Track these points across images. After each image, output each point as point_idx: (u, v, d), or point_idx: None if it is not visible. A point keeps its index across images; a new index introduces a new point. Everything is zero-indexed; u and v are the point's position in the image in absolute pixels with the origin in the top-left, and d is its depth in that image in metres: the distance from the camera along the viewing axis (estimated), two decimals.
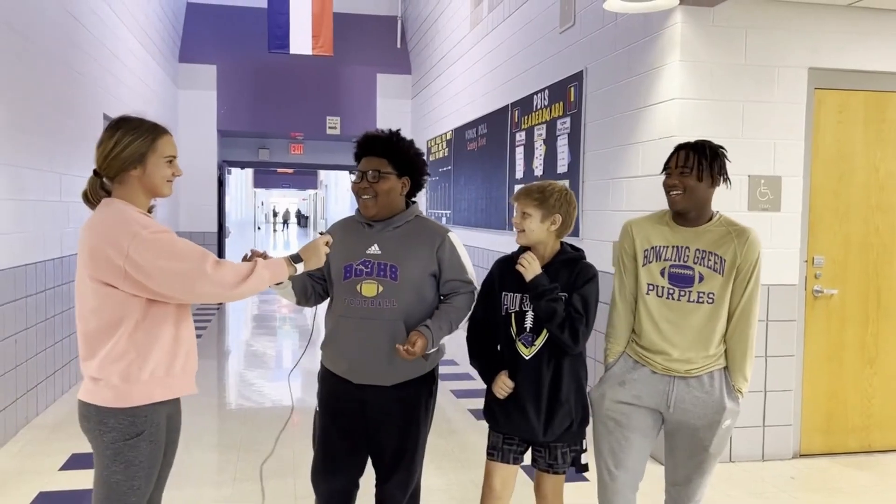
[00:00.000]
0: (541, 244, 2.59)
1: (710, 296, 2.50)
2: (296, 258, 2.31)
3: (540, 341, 2.54)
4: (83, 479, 3.87)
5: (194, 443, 4.51)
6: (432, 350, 2.55)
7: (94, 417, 2.11)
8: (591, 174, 5.22)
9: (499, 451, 2.63)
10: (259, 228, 43.96)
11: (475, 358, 2.71)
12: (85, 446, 4.32)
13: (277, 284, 2.37)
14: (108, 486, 2.11)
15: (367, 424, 2.66)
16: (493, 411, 2.64)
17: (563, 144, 5.68)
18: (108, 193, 2.17)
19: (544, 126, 6.05)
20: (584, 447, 2.64)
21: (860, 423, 4.48)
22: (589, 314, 2.56)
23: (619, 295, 2.70)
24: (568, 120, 5.58)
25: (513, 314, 2.58)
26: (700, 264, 2.52)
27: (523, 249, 2.62)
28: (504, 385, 2.57)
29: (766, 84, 4.22)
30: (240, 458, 4.31)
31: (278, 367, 7.27)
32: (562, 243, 2.64)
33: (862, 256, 4.43)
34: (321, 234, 2.54)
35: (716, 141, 4.11)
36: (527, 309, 2.56)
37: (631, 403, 2.58)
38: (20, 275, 4.70)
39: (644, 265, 2.61)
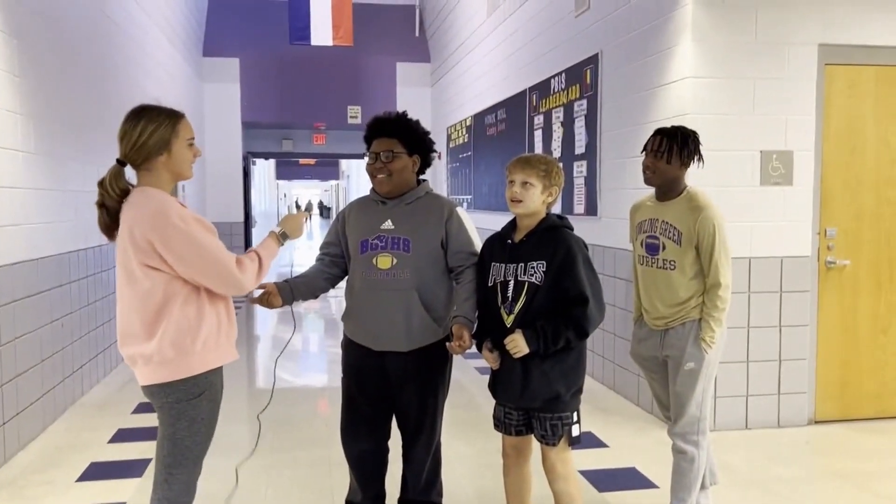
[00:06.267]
0: (533, 215, 2.61)
1: (672, 263, 2.96)
2: (283, 236, 2.55)
3: (518, 307, 2.56)
4: (131, 451, 4.11)
5: (227, 417, 4.75)
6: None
7: (159, 391, 2.29)
8: (608, 154, 5.36)
9: (501, 422, 2.75)
10: None
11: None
12: (130, 422, 4.60)
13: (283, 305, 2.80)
14: (173, 442, 2.31)
15: (388, 388, 2.87)
16: (491, 380, 2.74)
17: (580, 126, 5.81)
18: (127, 181, 2.32)
19: (562, 109, 6.18)
20: (574, 418, 2.62)
21: (874, 391, 4.59)
22: (585, 290, 2.50)
23: (633, 266, 3.22)
24: (585, 102, 5.71)
25: (498, 284, 2.61)
26: (664, 235, 2.99)
27: (512, 223, 2.68)
28: (489, 358, 2.63)
29: (776, 61, 4.32)
30: (271, 431, 4.54)
31: (304, 351, 7.51)
32: (547, 213, 2.66)
33: (874, 228, 4.53)
34: (302, 209, 2.74)
35: (728, 117, 4.31)
36: (510, 278, 2.58)
37: (645, 356, 3.16)
38: (64, 262, 4.95)
39: (636, 239, 3.13)
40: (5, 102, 4.10)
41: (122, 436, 4.40)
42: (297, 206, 51.71)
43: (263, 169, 25.76)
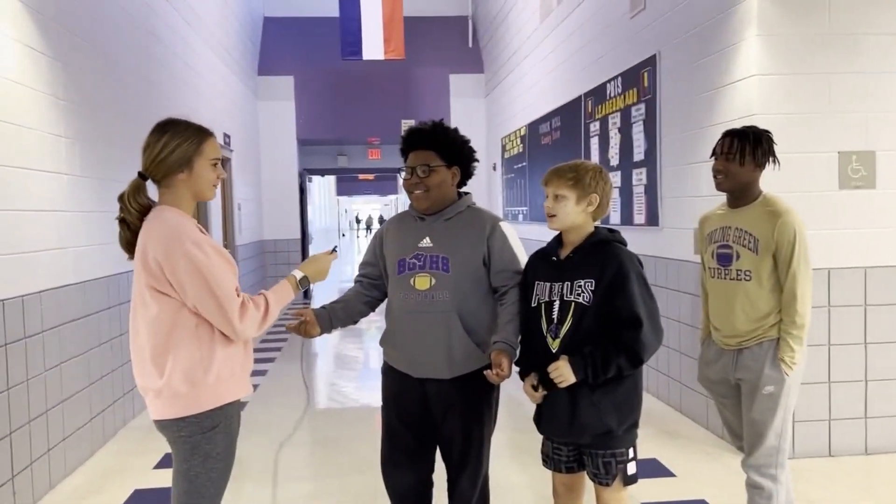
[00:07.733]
0: (576, 229, 2.38)
1: (748, 273, 2.70)
2: (303, 281, 2.32)
3: (564, 330, 2.32)
4: None
5: (279, 440, 4.62)
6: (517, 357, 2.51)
7: (171, 426, 2.16)
8: (669, 160, 5.05)
9: (549, 459, 2.51)
10: (343, 235, 44.98)
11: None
12: None
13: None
14: (188, 479, 2.16)
15: (431, 417, 2.66)
16: (537, 412, 2.50)
17: (638, 132, 5.51)
18: (148, 198, 2.20)
19: (618, 114, 5.89)
20: (630, 455, 2.38)
21: None
22: (639, 311, 2.24)
23: (701, 282, 2.99)
24: (642, 106, 5.42)
25: (543, 304, 2.38)
26: (738, 243, 2.73)
27: (558, 238, 2.47)
28: (532, 394, 2.41)
29: (852, 53, 3.96)
30: (324, 454, 4.38)
31: (366, 367, 7.38)
32: (596, 226, 2.42)
33: None
34: (335, 249, 2.51)
35: (801, 117, 3.97)
36: (555, 298, 2.34)
37: (714, 379, 2.88)
38: (113, 284, 4.92)
39: (706, 251, 2.89)
40: (50, 126, 4.09)
41: (168, 461, 4.29)
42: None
43: (323, 185, 26.11)
